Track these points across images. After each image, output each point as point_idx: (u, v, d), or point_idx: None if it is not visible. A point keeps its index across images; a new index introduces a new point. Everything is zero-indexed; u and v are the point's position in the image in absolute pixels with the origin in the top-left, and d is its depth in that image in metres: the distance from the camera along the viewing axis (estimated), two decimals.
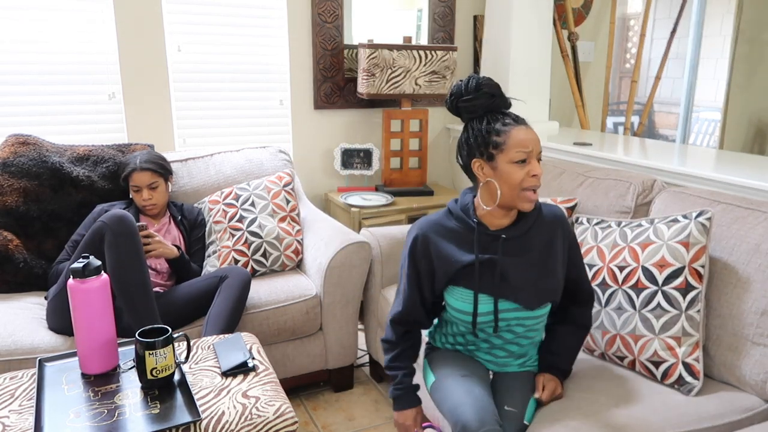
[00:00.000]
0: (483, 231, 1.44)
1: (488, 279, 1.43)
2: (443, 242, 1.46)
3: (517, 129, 1.38)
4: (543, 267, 1.45)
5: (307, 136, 3.05)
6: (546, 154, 2.68)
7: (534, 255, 1.45)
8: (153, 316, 1.81)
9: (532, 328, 1.49)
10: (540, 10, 2.96)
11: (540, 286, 1.44)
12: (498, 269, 1.42)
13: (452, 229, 1.47)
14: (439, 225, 1.48)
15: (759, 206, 1.61)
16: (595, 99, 3.81)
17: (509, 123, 1.39)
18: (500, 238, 1.43)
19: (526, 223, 1.45)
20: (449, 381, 1.45)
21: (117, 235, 1.79)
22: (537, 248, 1.45)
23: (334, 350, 2.27)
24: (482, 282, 1.43)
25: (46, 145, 2.26)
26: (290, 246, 2.33)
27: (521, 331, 1.48)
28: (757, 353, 1.50)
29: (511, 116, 1.41)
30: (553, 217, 1.49)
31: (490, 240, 1.44)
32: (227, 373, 1.50)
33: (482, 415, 1.31)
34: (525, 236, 1.45)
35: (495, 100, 1.40)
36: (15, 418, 1.32)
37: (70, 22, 2.49)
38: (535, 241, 1.45)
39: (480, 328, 1.47)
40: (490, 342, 1.51)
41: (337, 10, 2.93)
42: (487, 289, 1.43)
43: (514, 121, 1.39)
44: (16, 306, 2.00)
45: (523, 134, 1.37)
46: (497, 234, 1.44)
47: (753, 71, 4.44)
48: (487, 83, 1.40)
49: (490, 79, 1.42)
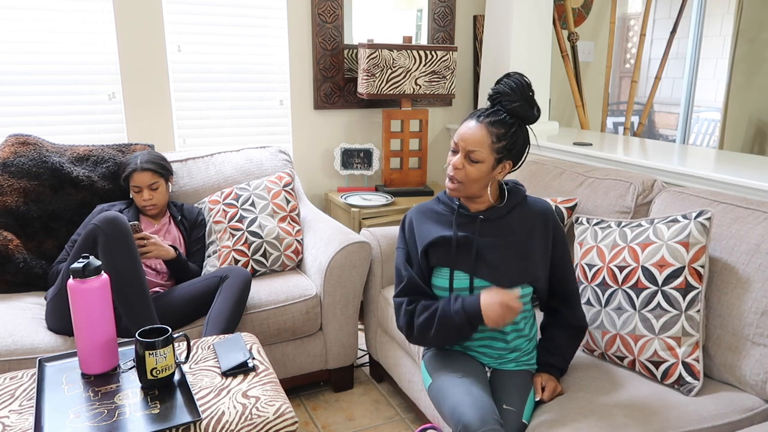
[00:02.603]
0: (463, 212, 1.54)
1: (464, 257, 1.50)
2: (426, 221, 1.57)
3: (467, 123, 1.49)
4: (519, 249, 1.50)
5: (307, 137, 3.05)
6: (546, 154, 2.68)
7: (511, 238, 1.51)
8: (150, 318, 1.81)
9: None
10: (540, 10, 2.96)
11: (513, 267, 1.49)
12: (474, 247, 1.50)
13: (437, 212, 1.58)
14: (427, 208, 1.61)
15: (759, 206, 1.61)
16: (595, 99, 3.81)
17: (473, 116, 1.48)
18: (478, 218, 1.52)
19: (506, 206, 1.53)
20: (447, 382, 1.45)
21: (110, 237, 1.78)
22: (515, 232, 1.51)
23: (334, 350, 2.27)
24: (458, 259, 1.51)
25: (46, 145, 2.26)
26: (290, 246, 2.33)
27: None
28: (757, 353, 1.50)
29: (489, 114, 1.47)
30: (539, 209, 1.56)
31: (468, 220, 1.53)
32: (227, 373, 1.50)
33: (483, 415, 1.31)
34: (504, 219, 1.53)
35: (500, 97, 1.47)
36: (15, 418, 1.32)
37: (70, 22, 2.49)
38: (515, 226, 1.52)
39: None
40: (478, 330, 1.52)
41: (337, 10, 2.93)
42: (462, 266, 1.51)
43: (477, 117, 1.48)
44: (16, 306, 2.00)
45: (464, 128, 1.48)
46: (476, 215, 1.53)
47: (753, 71, 4.44)
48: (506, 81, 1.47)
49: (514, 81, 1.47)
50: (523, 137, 1.49)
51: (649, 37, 4.77)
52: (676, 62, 4.61)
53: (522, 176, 2.33)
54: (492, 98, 1.49)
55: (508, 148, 1.47)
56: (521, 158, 1.53)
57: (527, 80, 1.48)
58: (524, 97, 1.46)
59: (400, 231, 1.62)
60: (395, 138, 3.02)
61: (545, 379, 1.52)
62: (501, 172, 1.50)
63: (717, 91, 4.53)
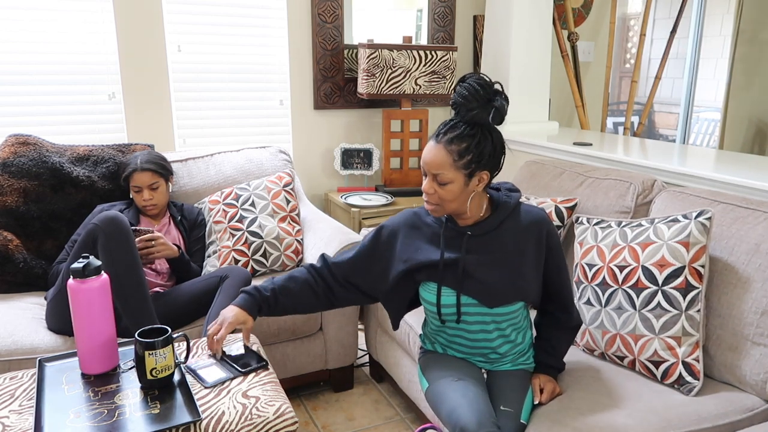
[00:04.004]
0: (451, 227, 1.49)
1: (451, 274, 1.47)
2: (414, 237, 1.53)
3: (429, 145, 1.41)
4: (508, 267, 1.45)
5: (307, 137, 3.05)
6: (546, 154, 2.68)
7: (500, 255, 1.46)
8: (150, 318, 1.80)
9: (500, 326, 1.49)
10: (540, 10, 2.96)
11: (501, 286, 1.44)
12: (460, 266, 1.46)
13: (426, 224, 1.54)
14: (417, 218, 1.56)
15: (759, 206, 1.61)
16: (595, 99, 3.81)
17: (435, 136, 1.41)
18: (465, 235, 1.47)
19: (494, 220, 1.47)
20: (444, 385, 1.44)
21: (110, 236, 1.78)
22: (505, 248, 1.46)
23: (334, 350, 2.27)
24: (446, 276, 1.48)
25: (46, 145, 2.26)
26: (290, 246, 2.33)
27: (491, 327, 1.49)
28: (757, 353, 1.50)
29: (446, 130, 1.39)
30: (533, 219, 1.48)
31: (456, 235, 1.49)
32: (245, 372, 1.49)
33: (480, 417, 1.31)
34: (492, 235, 1.47)
35: (457, 107, 1.39)
36: (15, 418, 1.32)
37: (70, 22, 2.49)
38: (505, 241, 1.46)
39: (445, 319, 1.50)
40: (465, 338, 1.52)
41: (337, 10, 2.93)
42: (450, 283, 1.48)
43: (436, 136, 1.41)
44: (16, 306, 2.00)
45: (426, 151, 1.42)
46: (464, 230, 1.48)
47: (753, 71, 4.44)
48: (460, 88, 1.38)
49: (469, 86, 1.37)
50: (491, 143, 1.39)
51: (649, 37, 4.77)
52: (676, 62, 4.61)
53: (522, 176, 2.33)
54: (452, 107, 1.41)
55: (476, 161, 1.38)
56: (498, 164, 1.43)
57: (483, 80, 1.37)
58: (480, 103, 1.36)
59: (375, 233, 1.58)
60: (395, 138, 3.02)
61: (543, 380, 1.52)
62: (478, 184, 1.41)
63: (717, 91, 4.53)
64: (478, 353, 1.54)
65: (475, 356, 1.55)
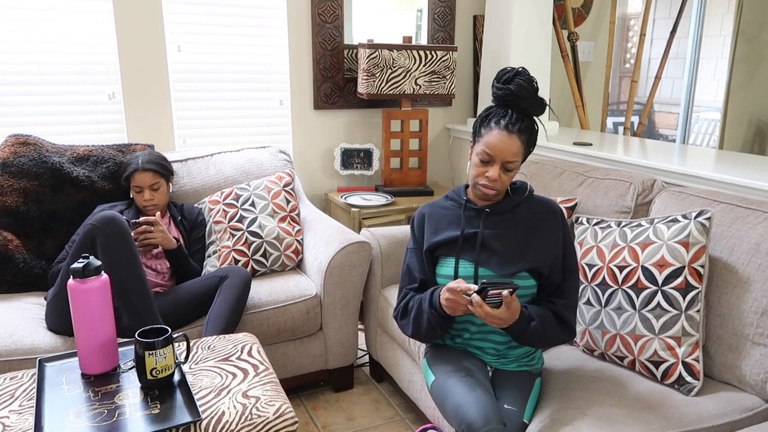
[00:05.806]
0: (470, 206, 1.59)
1: (470, 247, 1.55)
2: (436, 219, 1.62)
3: (498, 133, 1.47)
4: (523, 239, 1.53)
5: (307, 137, 3.05)
6: (546, 154, 2.68)
7: (515, 231, 1.54)
8: (153, 316, 1.80)
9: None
10: (540, 10, 2.96)
11: (516, 253, 1.51)
12: (479, 238, 1.54)
13: (446, 207, 1.64)
14: (436, 205, 1.66)
15: (759, 206, 1.61)
16: (595, 99, 3.81)
17: (501, 124, 1.48)
18: (484, 211, 1.57)
19: (511, 202, 1.57)
20: (450, 380, 1.45)
21: (108, 236, 1.77)
22: (520, 225, 1.55)
23: (334, 350, 2.27)
24: (464, 249, 1.55)
25: (46, 146, 2.26)
26: (290, 246, 2.33)
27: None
28: (757, 353, 1.50)
29: (515, 120, 1.47)
30: (548, 207, 1.58)
31: (475, 214, 1.58)
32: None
33: (486, 414, 1.31)
34: (509, 214, 1.56)
35: (517, 99, 1.48)
36: (15, 418, 1.32)
37: (70, 22, 2.49)
38: (520, 218, 1.56)
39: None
40: (476, 323, 1.54)
41: (337, 10, 2.93)
42: (468, 255, 1.54)
43: (506, 126, 1.47)
44: (16, 306, 2.00)
45: (496, 139, 1.47)
46: (482, 209, 1.57)
47: (753, 71, 4.44)
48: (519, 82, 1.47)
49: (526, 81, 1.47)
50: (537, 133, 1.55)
51: (649, 37, 4.77)
52: (676, 62, 4.61)
53: (522, 176, 2.33)
54: (504, 99, 1.49)
55: (530, 149, 1.54)
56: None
57: (531, 77, 1.50)
58: (535, 96, 1.48)
59: (411, 230, 1.67)
60: (395, 138, 3.02)
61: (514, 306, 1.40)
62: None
63: (717, 91, 4.53)
64: (485, 339, 1.55)
65: (481, 344, 1.56)
